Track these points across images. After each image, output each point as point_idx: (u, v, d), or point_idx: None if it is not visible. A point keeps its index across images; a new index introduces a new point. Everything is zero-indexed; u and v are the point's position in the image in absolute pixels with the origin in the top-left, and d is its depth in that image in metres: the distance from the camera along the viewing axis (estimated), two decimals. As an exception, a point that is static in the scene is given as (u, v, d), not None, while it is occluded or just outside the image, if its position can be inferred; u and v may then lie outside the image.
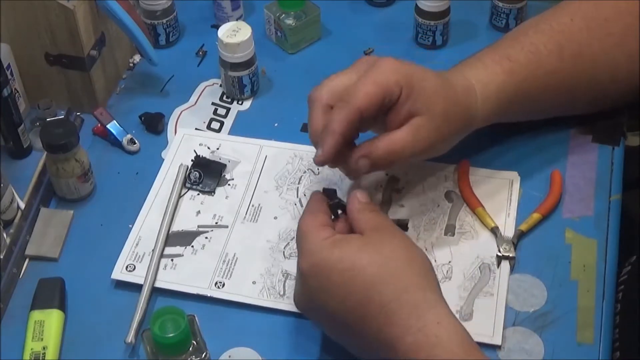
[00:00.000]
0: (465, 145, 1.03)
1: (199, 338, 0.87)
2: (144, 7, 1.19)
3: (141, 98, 1.15)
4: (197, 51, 1.22)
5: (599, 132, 1.06)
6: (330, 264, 0.81)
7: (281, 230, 1.00)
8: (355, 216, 0.86)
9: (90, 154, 1.05)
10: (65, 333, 0.92)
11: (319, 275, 0.82)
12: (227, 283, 0.95)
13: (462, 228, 0.99)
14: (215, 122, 1.12)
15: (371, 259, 0.81)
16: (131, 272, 0.96)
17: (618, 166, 1.03)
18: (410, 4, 1.19)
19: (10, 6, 1.05)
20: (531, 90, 0.98)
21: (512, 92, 0.97)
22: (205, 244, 0.99)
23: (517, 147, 1.05)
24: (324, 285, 0.82)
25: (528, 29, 1.01)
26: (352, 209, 0.87)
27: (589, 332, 0.89)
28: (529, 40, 0.99)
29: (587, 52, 0.99)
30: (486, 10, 1.21)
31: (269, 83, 1.17)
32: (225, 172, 1.06)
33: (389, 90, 0.89)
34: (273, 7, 1.20)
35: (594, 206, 1.00)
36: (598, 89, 1.01)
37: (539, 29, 1.00)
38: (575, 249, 0.96)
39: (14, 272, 0.97)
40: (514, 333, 0.90)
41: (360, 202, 0.87)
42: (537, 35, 0.99)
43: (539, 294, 0.93)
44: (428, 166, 1.03)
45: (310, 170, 1.05)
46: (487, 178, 1.02)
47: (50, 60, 1.09)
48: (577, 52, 0.99)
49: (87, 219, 1.03)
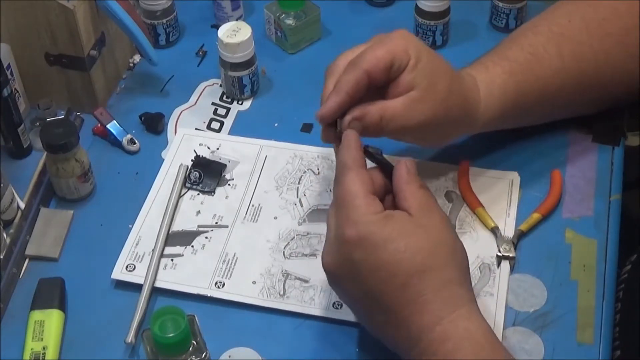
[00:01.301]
0: (465, 145, 1.04)
1: (199, 338, 0.87)
2: (144, 7, 1.19)
3: (141, 98, 1.15)
4: (197, 51, 1.22)
5: (599, 132, 1.06)
6: (380, 241, 0.80)
7: (281, 230, 1.00)
8: (403, 187, 0.83)
9: (90, 154, 1.05)
10: (65, 333, 0.92)
11: (366, 248, 0.80)
12: (227, 283, 0.95)
13: (462, 228, 0.99)
14: (215, 122, 1.12)
15: (421, 246, 0.80)
16: (131, 272, 0.96)
17: (618, 166, 1.03)
18: (410, 4, 1.19)
19: (10, 6, 1.05)
20: (534, 91, 0.98)
21: (514, 92, 0.97)
22: (205, 243, 0.99)
23: (517, 147, 1.05)
24: (369, 259, 0.80)
25: (526, 31, 1.01)
26: (399, 179, 0.84)
27: (589, 332, 0.89)
28: (527, 41, 0.99)
29: (587, 52, 0.99)
30: (486, 10, 1.21)
31: (269, 83, 1.17)
32: (225, 172, 1.06)
33: (397, 56, 0.89)
34: (273, 7, 1.20)
35: (594, 206, 1.00)
36: (601, 89, 1.01)
37: (537, 31, 1.00)
38: (575, 249, 0.96)
39: (14, 272, 0.97)
40: (514, 333, 0.90)
41: (409, 172, 0.84)
42: (536, 37, 1.00)
43: (539, 294, 0.93)
44: (428, 166, 1.03)
45: (310, 171, 1.05)
46: (487, 178, 1.02)
47: (50, 60, 1.09)
48: (578, 53, 0.99)
49: (87, 219, 1.03)
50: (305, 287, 0.94)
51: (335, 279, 0.84)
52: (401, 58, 0.89)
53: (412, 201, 0.82)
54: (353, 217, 0.81)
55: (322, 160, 1.06)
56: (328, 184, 1.03)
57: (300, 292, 0.94)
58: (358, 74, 0.88)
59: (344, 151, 0.85)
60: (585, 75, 0.99)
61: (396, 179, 0.84)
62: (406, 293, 0.79)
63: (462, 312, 0.79)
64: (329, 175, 1.04)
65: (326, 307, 0.92)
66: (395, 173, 0.85)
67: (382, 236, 0.80)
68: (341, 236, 0.81)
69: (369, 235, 0.80)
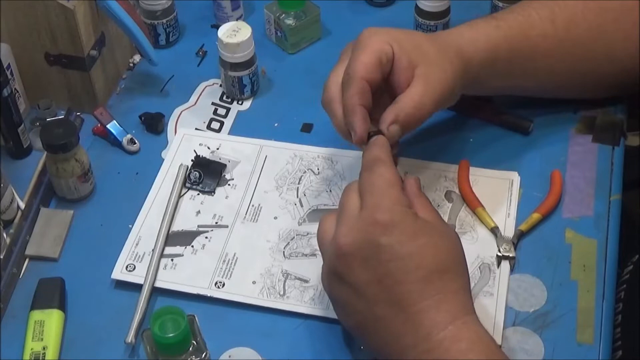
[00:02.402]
0: (466, 145, 1.04)
1: (199, 338, 0.87)
2: (144, 7, 1.19)
3: (141, 98, 1.15)
4: (197, 51, 1.22)
5: (599, 132, 1.06)
6: (412, 232, 0.80)
7: (281, 230, 1.00)
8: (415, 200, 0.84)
9: (90, 154, 1.05)
10: (65, 333, 0.92)
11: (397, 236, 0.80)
12: (227, 283, 0.95)
13: (462, 228, 0.99)
14: (215, 122, 1.12)
15: (446, 248, 0.81)
16: (131, 272, 0.96)
17: (618, 166, 1.03)
18: (410, 4, 1.19)
19: (10, 6, 1.05)
20: (523, 49, 0.98)
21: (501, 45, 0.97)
22: (205, 243, 0.99)
23: (517, 147, 1.05)
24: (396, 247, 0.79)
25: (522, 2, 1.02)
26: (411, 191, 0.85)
27: (589, 332, 0.89)
28: (520, 7, 1.00)
29: (581, 22, 0.99)
30: (486, 10, 1.21)
31: (269, 83, 1.17)
32: (225, 172, 1.06)
33: (381, 50, 0.90)
34: (273, 7, 1.20)
35: (594, 206, 1.00)
36: (593, 65, 1.01)
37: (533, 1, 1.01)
38: (575, 249, 0.96)
39: (14, 272, 0.97)
40: (514, 333, 0.90)
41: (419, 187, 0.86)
42: (531, 3, 1.00)
43: (539, 294, 0.93)
44: (428, 166, 1.03)
45: (310, 171, 1.05)
46: (487, 178, 1.02)
47: (50, 60, 1.09)
48: (571, 22, 0.99)
49: (87, 219, 1.03)
50: (305, 287, 0.94)
51: (348, 261, 0.81)
52: (384, 49, 0.90)
53: (427, 212, 0.83)
54: (387, 204, 0.81)
55: (322, 160, 1.06)
56: (328, 184, 1.03)
57: (300, 292, 0.94)
58: (357, 84, 0.89)
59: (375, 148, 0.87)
60: (577, 46, 0.99)
61: (408, 191, 0.85)
62: (426, 287, 0.79)
63: (473, 318, 0.80)
64: (329, 175, 1.04)
65: (326, 307, 0.92)
66: (406, 186, 0.86)
67: (414, 228, 0.80)
68: (370, 218, 0.81)
69: (402, 224, 0.80)
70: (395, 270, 0.79)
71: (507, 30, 0.98)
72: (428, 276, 0.79)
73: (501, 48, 0.97)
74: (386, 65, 0.91)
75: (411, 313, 0.79)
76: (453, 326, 0.78)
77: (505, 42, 0.97)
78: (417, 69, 0.91)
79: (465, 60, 0.95)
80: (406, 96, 0.90)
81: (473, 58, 0.96)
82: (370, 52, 0.90)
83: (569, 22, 0.99)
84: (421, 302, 0.79)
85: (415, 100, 0.90)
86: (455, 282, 0.81)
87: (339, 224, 0.83)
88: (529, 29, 0.98)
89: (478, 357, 0.78)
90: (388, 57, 0.91)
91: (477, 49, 0.96)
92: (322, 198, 1.02)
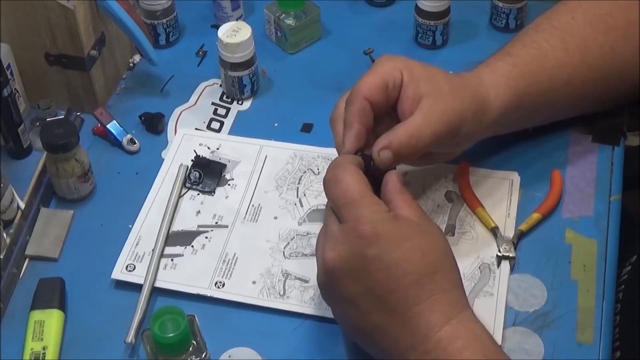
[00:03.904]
0: (465, 145, 1.04)
1: (199, 338, 0.87)
2: (144, 7, 1.19)
3: (141, 98, 1.15)
4: (197, 51, 1.22)
5: (599, 132, 1.06)
6: (396, 238, 0.80)
7: (281, 230, 1.00)
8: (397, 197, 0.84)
9: (90, 154, 1.05)
10: (65, 333, 0.92)
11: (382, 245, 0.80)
12: (227, 283, 0.95)
13: (462, 228, 0.99)
14: (215, 122, 1.12)
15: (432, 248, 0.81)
16: (131, 272, 0.96)
17: (618, 166, 1.03)
18: (410, 4, 1.19)
19: (10, 6, 1.05)
20: (541, 82, 0.98)
21: (521, 81, 0.97)
22: (205, 243, 0.99)
23: (517, 147, 1.05)
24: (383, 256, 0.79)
25: (528, 30, 1.01)
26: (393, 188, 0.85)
27: (589, 332, 0.89)
28: (530, 39, 0.99)
29: (592, 45, 0.99)
30: (486, 10, 1.21)
31: (269, 83, 1.17)
32: (225, 172, 1.06)
33: (388, 75, 0.90)
34: (273, 7, 1.20)
35: (594, 206, 1.00)
36: (608, 84, 1.01)
37: (540, 29, 1.00)
38: (575, 249, 0.96)
39: (14, 272, 0.97)
40: (514, 333, 0.90)
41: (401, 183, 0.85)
42: (539, 34, 1.00)
43: (539, 294, 0.93)
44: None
45: (310, 171, 1.05)
46: (487, 178, 1.03)
47: (50, 60, 1.09)
48: (583, 46, 0.99)
49: (87, 219, 1.03)
50: (305, 287, 0.94)
51: (336, 275, 0.82)
52: (392, 75, 0.90)
53: (410, 210, 0.83)
54: (366, 214, 0.81)
55: (322, 160, 1.06)
56: (328, 184, 1.03)
57: (300, 292, 0.94)
58: (358, 102, 0.89)
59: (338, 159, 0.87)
60: (592, 68, 0.99)
61: (389, 188, 0.85)
62: (418, 291, 0.79)
63: (468, 314, 0.80)
64: (329, 175, 1.04)
65: (326, 307, 0.91)
66: (387, 182, 0.86)
67: (398, 234, 0.80)
68: (352, 232, 0.81)
69: (385, 233, 0.80)
70: (384, 280, 0.80)
71: (523, 67, 0.97)
72: (419, 280, 0.79)
73: (521, 87, 0.97)
74: (392, 91, 0.91)
75: (407, 318, 0.79)
76: (449, 326, 0.78)
77: (523, 80, 0.97)
78: (422, 100, 0.90)
79: (484, 105, 0.95)
80: (404, 125, 0.90)
81: (494, 104, 0.96)
82: (377, 74, 0.90)
83: (582, 48, 0.99)
84: (415, 306, 0.79)
85: (410, 130, 0.89)
86: (446, 280, 0.81)
87: (325, 239, 0.84)
88: (545, 61, 0.98)
89: (474, 355, 0.78)
90: (395, 82, 0.90)
91: (497, 94, 0.96)
92: (322, 198, 1.02)
